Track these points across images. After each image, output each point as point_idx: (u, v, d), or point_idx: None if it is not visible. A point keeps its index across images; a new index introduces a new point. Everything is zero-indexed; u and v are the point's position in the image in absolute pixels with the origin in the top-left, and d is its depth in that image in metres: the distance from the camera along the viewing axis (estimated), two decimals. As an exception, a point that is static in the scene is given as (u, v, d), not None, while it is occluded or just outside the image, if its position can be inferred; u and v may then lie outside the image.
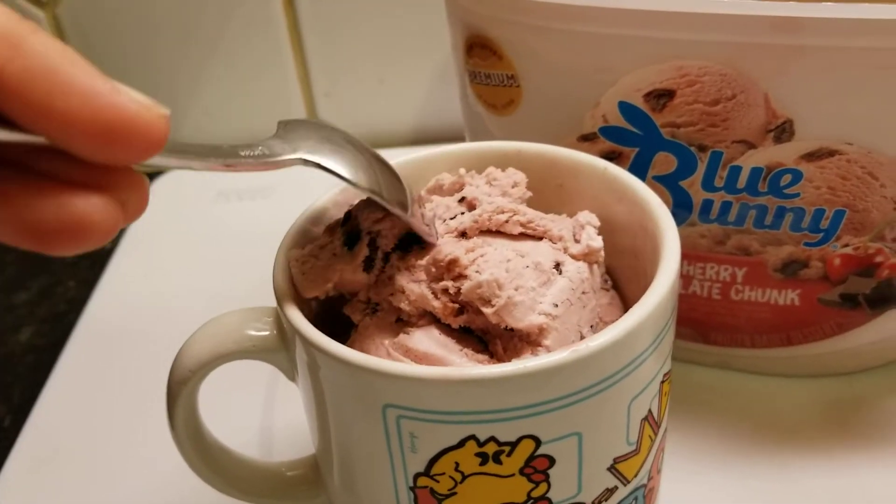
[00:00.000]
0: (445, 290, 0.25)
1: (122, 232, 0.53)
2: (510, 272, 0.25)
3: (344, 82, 0.59)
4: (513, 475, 0.24)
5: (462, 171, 0.30)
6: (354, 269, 0.26)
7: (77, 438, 0.39)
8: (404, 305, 0.26)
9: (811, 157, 0.31)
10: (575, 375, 0.22)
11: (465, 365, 0.24)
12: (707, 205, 0.33)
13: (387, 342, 0.25)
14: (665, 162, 0.33)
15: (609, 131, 0.33)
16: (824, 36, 0.28)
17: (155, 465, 0.37)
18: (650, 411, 0.25)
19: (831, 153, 0.31)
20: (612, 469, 0.25)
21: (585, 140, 0.33)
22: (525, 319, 0.24)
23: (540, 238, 0.27)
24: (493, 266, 0.25)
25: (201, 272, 0.49)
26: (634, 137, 0.32)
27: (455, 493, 0.24)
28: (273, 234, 0.48)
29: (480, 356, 0.25)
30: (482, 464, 0.23)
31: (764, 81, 0.30)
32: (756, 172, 0.32)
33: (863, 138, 0.30)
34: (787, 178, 0.32)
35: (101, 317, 0.46)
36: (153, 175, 0.58)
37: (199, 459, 0.29)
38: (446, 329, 0.26)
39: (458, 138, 0.38)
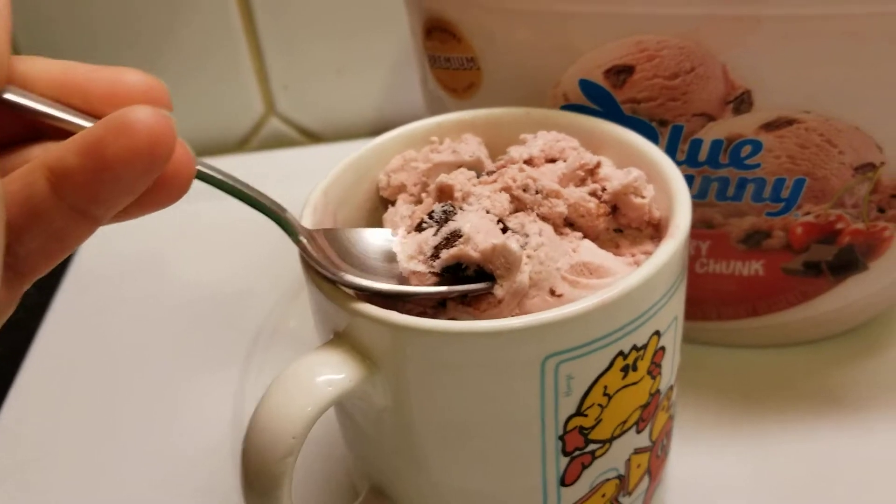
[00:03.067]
0: (594, 193, 0.27)
1: None
2: None
3: (302, 74, 0.59)
4: (642, 378, 0.26)
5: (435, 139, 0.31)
6: None
7: (42, 448, 0.38)
8: (559, 210, 0.27)
9: (770, 126, 0.31)
10: (679, 260, 0.25)
11: (626, 270, 0.26)
12: (670, 179, 0.33)
13: (560, 265, 0.25)
14: (627, 138, 0.33)
15: (570, 109, 0.33)
16: (780, 6, 0.28)
17: (123, 473, 0.36)
18: None
19: (790, 122, 0.31)
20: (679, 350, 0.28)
21: (547, 119, 0.33)
22: (656, 211, 0.28)
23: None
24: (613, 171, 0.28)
25: (175, 270, 0.49)
26: (595, 115, 0.32)
27: (600, 421, 0.25)
28: (248, 231, 0.48)
29: (622, 258, 0.27)
30: (624, 377, 0.25)
31: (721, 53, 0.30)
32: (717, 145, 0.32)
33: (820, 106, 0.30)
34: (748, 149, 0.32)
35: (64, 322, 0.46)
36: None
37: None
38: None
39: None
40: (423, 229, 0.26)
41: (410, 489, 0.28)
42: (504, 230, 0.26)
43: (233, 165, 0.55)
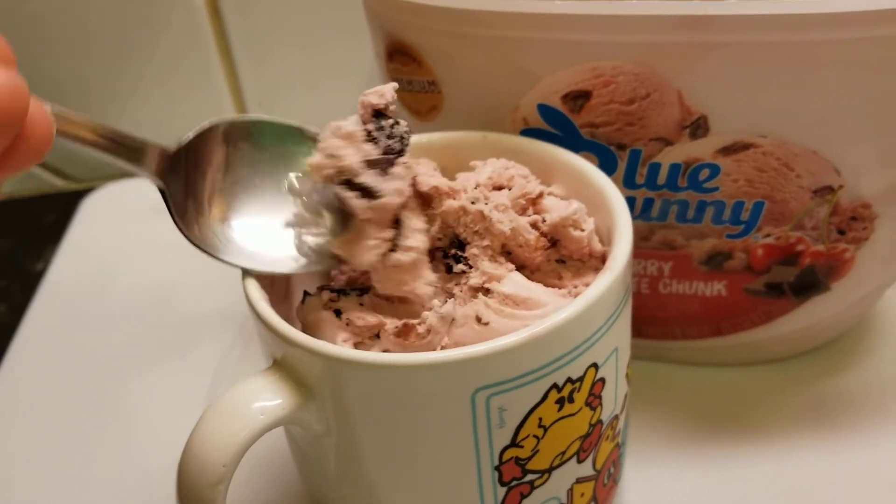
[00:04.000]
0: (534, 224, 0.28)
1: (55, 249, 0.52)
2: None
3: (276, 91, 0.59)
4: (580, 409, 0.26)
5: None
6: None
7: (19, 463, 0.38)
8: (501, 228, 0.27)
9: (727, 151, 0.31)
10: (616, 292, 0.26)
11: (555, 303, 0.26)
12: (630, 202, 0.33)
13: (479, 300, 0.26)
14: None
15: (530, 134, 0.33)
16: (732, 32, 0.28)
17: (96, 487, 0.36)
18: None
19: (746, 146, 0.31)
20: (626, 376, 0.29)
21: (507, 143, 0.33)
22: (597, 244, 0.28)
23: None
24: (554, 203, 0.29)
25: (139, 288, 0.49)
26: (555, 139, 0.32)
27: (537, 452, 0.26)
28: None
29: (556, 290, 0.27)
30: (560, 409, 0.25)
31: (676, 79, 0.30)
32: (675, 168, 0.32)
33: (776, 130, 0.30)
34: (706, 172, 0.32)
35: (36, 341, 0.46)
36: (85, 192, 0.57)
37: None
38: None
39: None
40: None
41: None
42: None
43: None
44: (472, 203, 0.27)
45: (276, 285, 0.28)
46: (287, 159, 0.28)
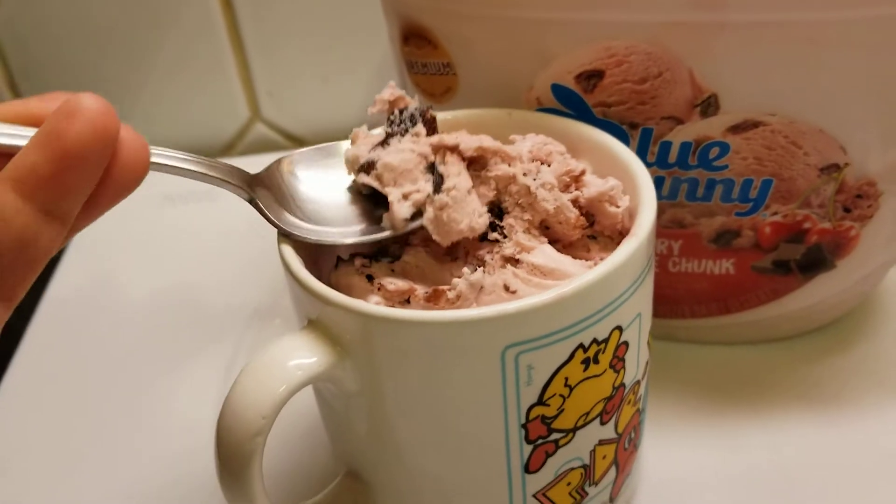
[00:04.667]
0: (574, 201, 0.28)
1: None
2: None
3: (287, 81, 0.59)
4: (605, 371, 0.26)
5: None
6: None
7: (33, 468, 0.38)
8: (546, 206, 0.27)
9: (737, 129, 0.32)
10: (641, 258, 0.26)
11: (579, 272, 0.26)
12: (641, 180, 0.34)
13: (508, 270, 0.27)
14: (599, 140, 0.33)
15: (544, 112, 0.33)
16: (744, 11, 0.29)
17: (106, 478, 0.37)
18: None
19: (756, 124, 0.32)
20: (647, 343, 0.29)
21: (521, 123, 0.34)
22: (627, 219, 0.28)
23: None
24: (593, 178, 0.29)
25: (153, 277, 0.49)
26: (569, 118, 0.33)
27: (563, 411, 0.26)
28: (223, 235, 0.49)
29: (583, 262, 0.28)
30: (585, 369, 0.26)
31: (688, 58, 0.31)
32: (685, 147, 0.33)
33: (785, 109, 0.31)
34: (716, 150, 0.33)
35: (44, 342, 0.45)
36: None
37: None
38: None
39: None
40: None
41: (383, 473, 0.29)
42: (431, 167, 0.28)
43: None
44: (524, 175, 0.28)
45: (307, 253, 0.29)
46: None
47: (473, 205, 0.27)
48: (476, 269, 0.27)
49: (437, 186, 0.27)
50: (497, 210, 0.28)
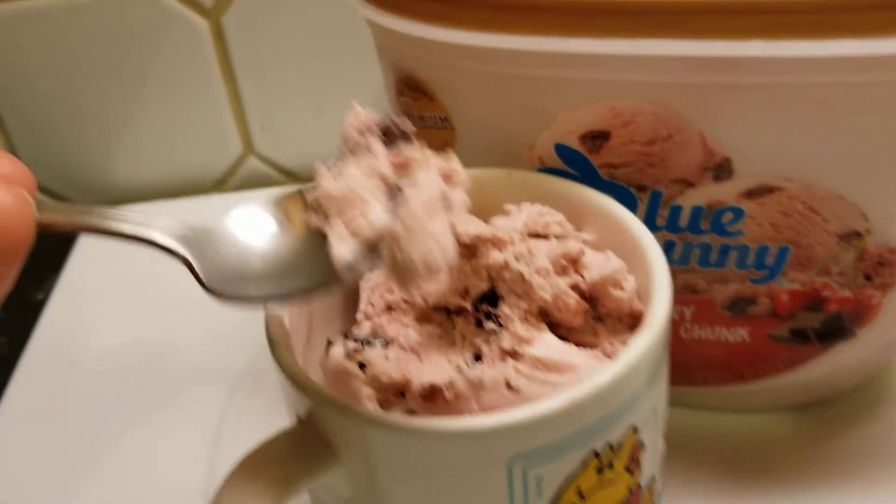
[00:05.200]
0: (574, 285, 0.26)
1: (55, 279, 0.51)
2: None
3: (281, 114, 0.58)
4: (620, 476, 0.25)
5: None
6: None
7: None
8: (542, 294, 0.25)
9: (751, 194, 0.30)
10: (657, 351, 0.24)
11: (588, 366, 0.24)
12: (650, 245, 0.32)
13: (509, 364, 0.24)
14: (605, 204, 0.32)
15: (548, 173, 0.32)
16: (757, 74, 0.27)
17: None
18: None
19: (771, 190, 0.30)
20: (663, 435, 0.27)
21: (522, 184, 0.32)
22: (637, 304, 0.26)
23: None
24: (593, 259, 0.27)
25: (140, 323, 0.47)
26: (573, 179, 0.31)
27: None
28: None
29: (589, 351, 0.25)
30: (599, 477, 0.24)
31: (698, 121, 0.29)
32: (697, 211, 0.31)
33: (802, 174, 0.29)
34: (729, 216, 0.31)
35: (37, 374, 0.45)
36: None
37: None
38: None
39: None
40: None
41: None
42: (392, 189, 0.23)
43: (211, 206, 0.56)
44: (516, 260, 0.26)
45: (297, 329, 0.27)
46: None
47: (434, 233, 0.22)
48: (474, 362, 0.25)
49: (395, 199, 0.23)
50: (492, 297, 0.26)
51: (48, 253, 0.55)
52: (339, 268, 0.22)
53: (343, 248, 0.22)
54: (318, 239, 0.23)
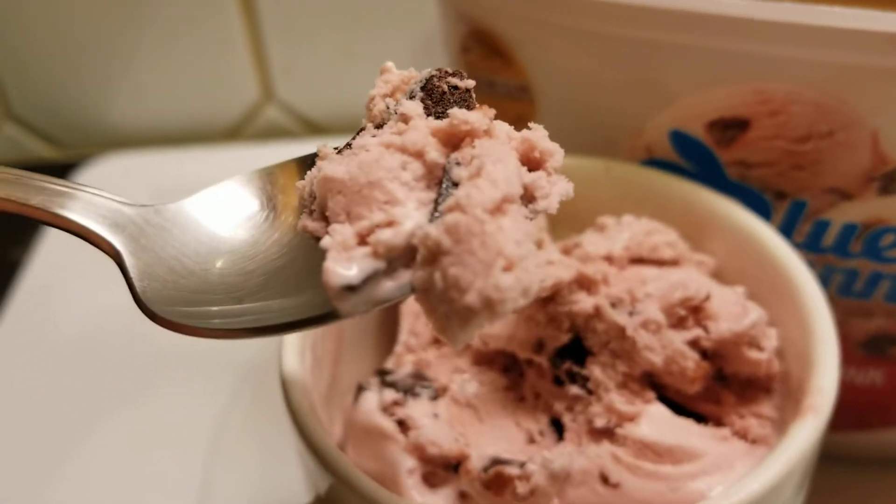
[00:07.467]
0: (694, 341, 0.20)
1: (35, 236, 0.46)
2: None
3: (306, 56, 0.52)
4: None
5: None
6: None
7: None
8: (650, 358, 0.19)
9: (926, 214, 0.24)
10: (820, 439, 0.20)
11: (715, 452, 0.19)
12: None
13: (604, 448, 0.19)
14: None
15: (653, 166, 0.27)
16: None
17: None
18: None
19: (954, 211, 0.24)
20: None
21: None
22: (776, 365, 0.21)
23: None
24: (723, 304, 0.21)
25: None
26: (687, 176, 0.26)
27: None
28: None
29: (715, 430, 0.20)
30: None
31: (873, 116, 0.24)
32: (849, 229, 0.26)
33: None
34: (890, 238, 0.26)
35: (17, 339, 0.41)
36: (76, 163, 0.50)
37: None
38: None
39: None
40: None
41: None
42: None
43: (220, 158, 0.50)
44: (612, 306, 0.19)
45: (322, 368, 0.21)
46: None
47: (502, 249, 0.14)
48: (551, 431, 0.19)
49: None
50: (577, 350, 0.20)
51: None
52: (333, 295, 0.15)
53: (343, 266, 0.15)
54: (313, 244, 0.16)
